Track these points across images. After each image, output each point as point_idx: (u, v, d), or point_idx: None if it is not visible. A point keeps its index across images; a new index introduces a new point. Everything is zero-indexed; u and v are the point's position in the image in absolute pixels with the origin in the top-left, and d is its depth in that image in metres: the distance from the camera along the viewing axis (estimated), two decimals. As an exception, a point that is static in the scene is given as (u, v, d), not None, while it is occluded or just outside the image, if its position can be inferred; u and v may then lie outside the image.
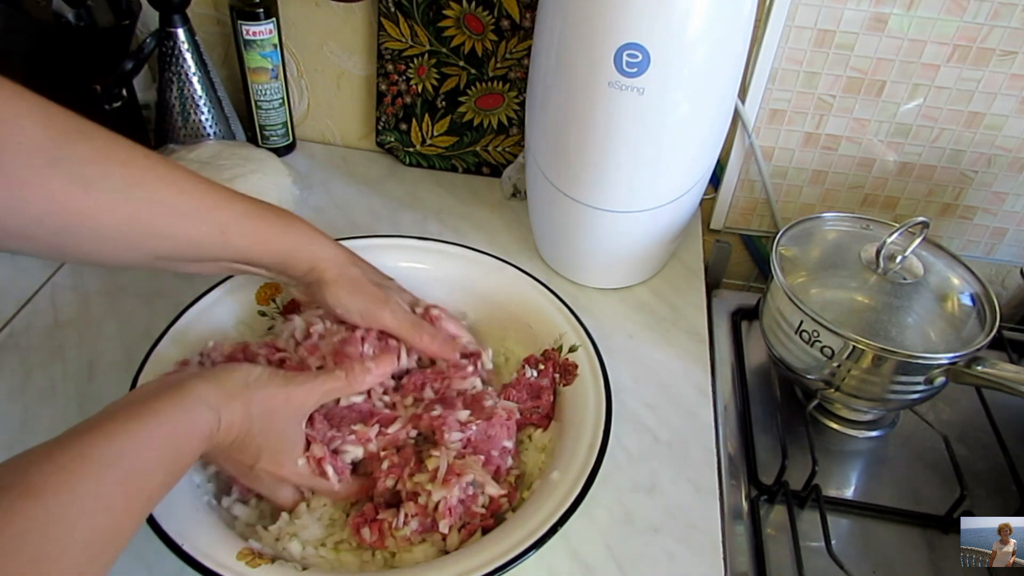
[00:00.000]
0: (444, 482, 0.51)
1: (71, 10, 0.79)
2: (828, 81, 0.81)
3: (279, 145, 0.93)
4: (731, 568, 0.59)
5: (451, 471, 0.52)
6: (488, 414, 0.56)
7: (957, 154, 0.84)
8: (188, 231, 0.51)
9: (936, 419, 0.74)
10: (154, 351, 0.58)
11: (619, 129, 0.66)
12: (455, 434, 0.54)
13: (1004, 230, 0.89)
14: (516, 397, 0.60)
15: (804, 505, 0.65)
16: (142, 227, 0.49)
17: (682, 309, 0.78)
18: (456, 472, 0.52)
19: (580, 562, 0.56)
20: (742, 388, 0.75)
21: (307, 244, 0.57)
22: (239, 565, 0.47)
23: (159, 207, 0.49)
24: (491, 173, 0.94)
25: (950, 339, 0.64)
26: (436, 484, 0.51)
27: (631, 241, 0.75)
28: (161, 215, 0.50)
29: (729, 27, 0.63)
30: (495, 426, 0.55)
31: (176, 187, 0.50)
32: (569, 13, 0.63)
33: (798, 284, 0.68)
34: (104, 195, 0.46)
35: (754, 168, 0.88)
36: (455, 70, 0.87)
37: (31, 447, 0.38)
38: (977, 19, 0.74)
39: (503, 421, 0.56)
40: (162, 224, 0.50)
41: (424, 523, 0.51)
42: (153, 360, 0.58)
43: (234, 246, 0.53)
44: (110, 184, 0.47)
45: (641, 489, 0.61)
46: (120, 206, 0.47)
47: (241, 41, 0.84)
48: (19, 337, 0.69)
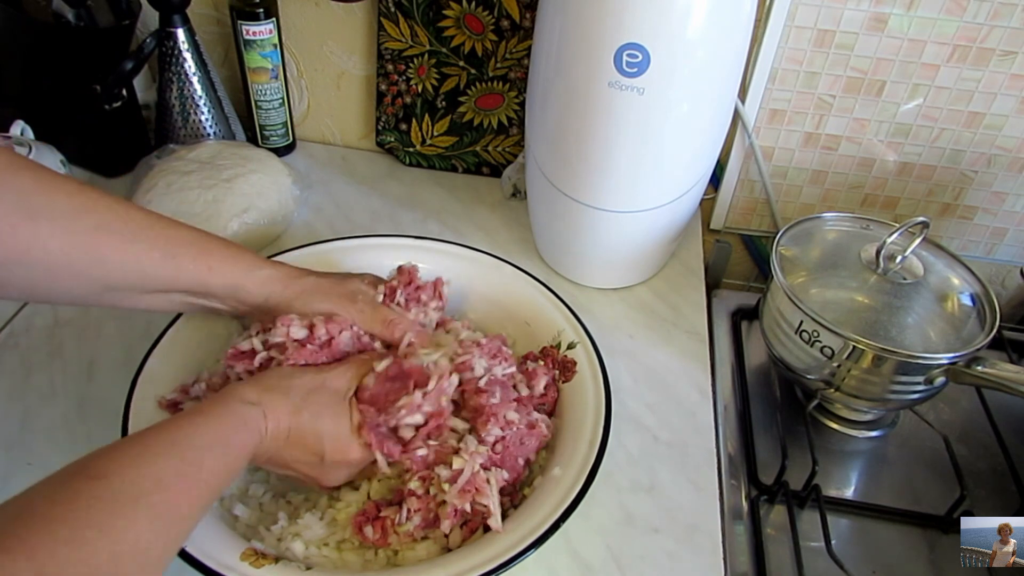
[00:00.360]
0: (462, 491, 0.51)
1: (71, 10, 0.79)
2: (828, 81, 0.81)
3: (279, 145, 0.93)
4: (731, 568, 0.59)
5: (470, 484, 0.51)
6: (531, 423, 0.56)
7: (957, 154, 0.84)
8: (139, 256, 0.50)
9: (936, 419, 0.74)
10: (154, 351, 0.58)
11: (619, 129, 0.66)
12: (495, 430, 0.54)
13: (1004, 230, 0.89)
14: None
15: (804, 505, 0.65)
16: (91, 255, 0.48)
17: (682, 309, 0.78)
18: (476, 487, 0.51)
19: (580, 562, 0.56)
20: (742, 388, 0.75)
21: (257, 268, 0.56)
22: (243, 566, 0.47)
23: (107, 234, 0.49)
24: (491, 173, 0.94)
25: (950, 339, 0.64)
26: (453, 491, 0.51)
27: (631, 241, 0.75)
28: (110, 242, 0.49)
29: (729, 27, 0.63)
30: (533, 436, 0.56)
31: (123, 215, 0.50)
32: (569, 13, 0.63)
33: (798, 284, 0.69)
34: (50, 223, 0.46)
35: (754, 168, 0.88)
36: (455, 70, 0.87)
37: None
38: (977, 19, 0.74)
39: (540, 434, 0.56)
40: (110, 250, 0.49)
41: (427, 518, 0.52)
42: (153, 360, 0.58)
43: (186, 272, 0.53)
44: (55, 212, 0.46)
45: (641, 489, 0.61)
46: (67, 233, 0.47)
47: (241, 41, 0.84)
48: (19, 337, 0.69)
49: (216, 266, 0.54)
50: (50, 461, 0.58)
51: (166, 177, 0.77)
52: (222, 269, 0.54)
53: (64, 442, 0.60)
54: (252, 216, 0.77)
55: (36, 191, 0.46)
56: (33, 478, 0.35)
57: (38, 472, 0.36)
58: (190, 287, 0.54)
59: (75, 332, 0.70)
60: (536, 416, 0.58)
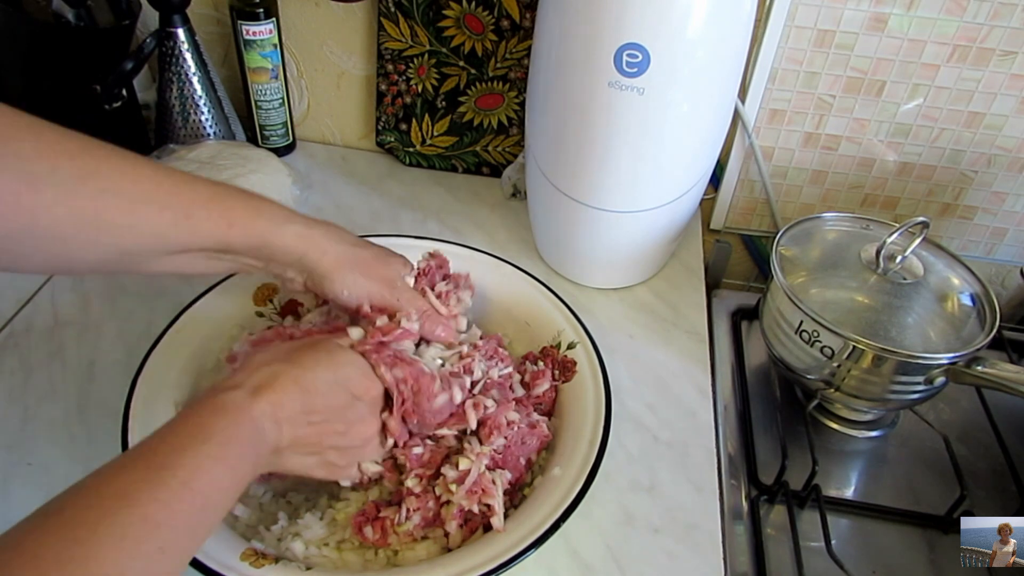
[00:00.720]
0: (469, 492, 0.51)
1: (71, 10, 0.79)
2: (828, 81, 0.81)
3: (279, 145, 0.93)
4: (731, 568, 0.59)
5: (477, 485, 0.51)
6: (532, 423, 0.56)
7: (957, 154, 0.84)
8: (150, 218, 0.48)
9: (936, 419, 0.74)
10: (154, 351, 0.58)
11: (619, 129, 0.66)
12: (499, 440, 0.54)
13: (1004, 230, 0.89)
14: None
15: (804, 505, 0.65)
16: (99, 220, 0.46)
17: (682, 309, 0.78)
18: (482, 488, 0.51)
19: (580, 561, 0.56)
20: (742, 388, 0.75)
21: (284, 222, 0.53)
22: (243, 566, 0.47)
23: (114, 197, 0.47)
24: (491, 173, 0.94)
25: (950, 339, 0.64)
26: (460, 492, 0.51)
27: (631, 241, 0.75)
28: (117, 205, 0.47)
29: (729, 27, 0.63)
30: (534, 436, 0.56)
31: (132, 176, 0.48)
32: (569, 13, 0.63)
33: (798, 284, 0.68)
34: (53, 189, 0.44)
35: (754, 168, 0.88)
36: (455, 70, 0.87)
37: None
38: (977, 19, 0.74)
39: (541, 434, 0.57)
40: (119, 214, 0.47)
41: (426, 517, 0.52)
42: (153, 360, 0.58)
43: (202, 231, 0.50)
44: (58, 178, 0.44)
45: (641, 489, 0.61)
46: (72, 200, 0.45)
47: (241, 41, 0.84)
48: (19, 337, 0.69)
49: (237, 221, 0.50)
50: (50, 461, 0.59)
51: (166, 177, 0.77)
52: (243, 224, 0.51)
53: (64, 442, 0.60)
54: (252, 216, 0.77)
55: (37, 156, 0.44)
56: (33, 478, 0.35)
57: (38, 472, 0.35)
58: (210, 245, 0.51)
59: (75, 332, 0.70)
60: (537, 417, 0.58)
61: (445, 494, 0.52)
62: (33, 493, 0.56)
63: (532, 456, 0.57)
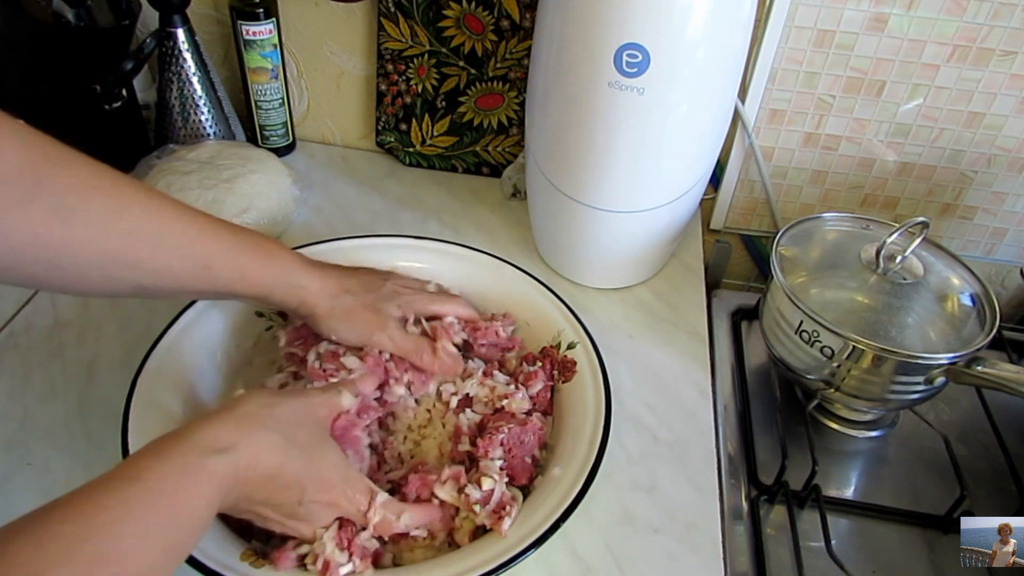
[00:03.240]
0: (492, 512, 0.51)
1: (71, 10, 0.79)
2: (828, 81, 0.81)
3: (279, 145, 0.93)
4: (731, 568, 0.59)
5: (501, 503, 0.51)
6: (521, 420, 0.57)
7: (957, 154, 0.84)
8: (171, 264, 0.50)
9: (936, 419, 0.74)
10: (154, 351, 0.58)
11: (619, 129, 0.66)
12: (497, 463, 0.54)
13: (1004, 230, 0.89)
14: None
15: (804, 505, 0.65)
16: (123, 260, 0.48)
17: (682, 309, 0.78)
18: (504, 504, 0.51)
19: (580, 562, 0.56)
20: (742, 388, 0.75)
21: (290, 276, 0.56)
22: (243, 566, 0.47)
23: (141, 240, 0.48)
24: (491, 173, 0.94)
25: (950, 339, 0.64)
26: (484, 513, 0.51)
27: (631, 241, 0.75)
28: (143, 248, 0.48)
29: (729, 27, 0.63)
30: (529, 432, 0.56)
31: (159, 218, 0.49)
32: (569, 13, 0.63)
33: (798, 284, 0.69)
34: (84, 227, 0.45)
35: (754, 168, 0.88)
36: (455, 70, 0.87)
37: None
38: (977, 19, 0.74)
39: (535, 428, 0.57)
40: (143, 257, 0.49)
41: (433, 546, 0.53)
42: (153, 360, 0.58)
43: (217, 281, 0.53)
44: (91, 215, 0.45)
45: (641, 489, 0.61)
46: (100, 238, 0.46)
47: (241, 41, 0.84)
48: (19, 337, 0.69)
49: (249, 273, 0.54)
50: (50, 461, 0.59)
51: (166, 177, 0.77)
52: (254, 276, 0.54)
53: (64, 442, 0.60)
54: (252, 216, 0.77)
55: (72, 190, 0.45)
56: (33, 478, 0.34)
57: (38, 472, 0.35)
58: (220, 291, 0.54)
59: (75, 332, 0.70)
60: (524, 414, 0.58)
61: (470, 516, 0.51)
62: (33, 493, 0.56)
63: (535, 452, 0.57)
